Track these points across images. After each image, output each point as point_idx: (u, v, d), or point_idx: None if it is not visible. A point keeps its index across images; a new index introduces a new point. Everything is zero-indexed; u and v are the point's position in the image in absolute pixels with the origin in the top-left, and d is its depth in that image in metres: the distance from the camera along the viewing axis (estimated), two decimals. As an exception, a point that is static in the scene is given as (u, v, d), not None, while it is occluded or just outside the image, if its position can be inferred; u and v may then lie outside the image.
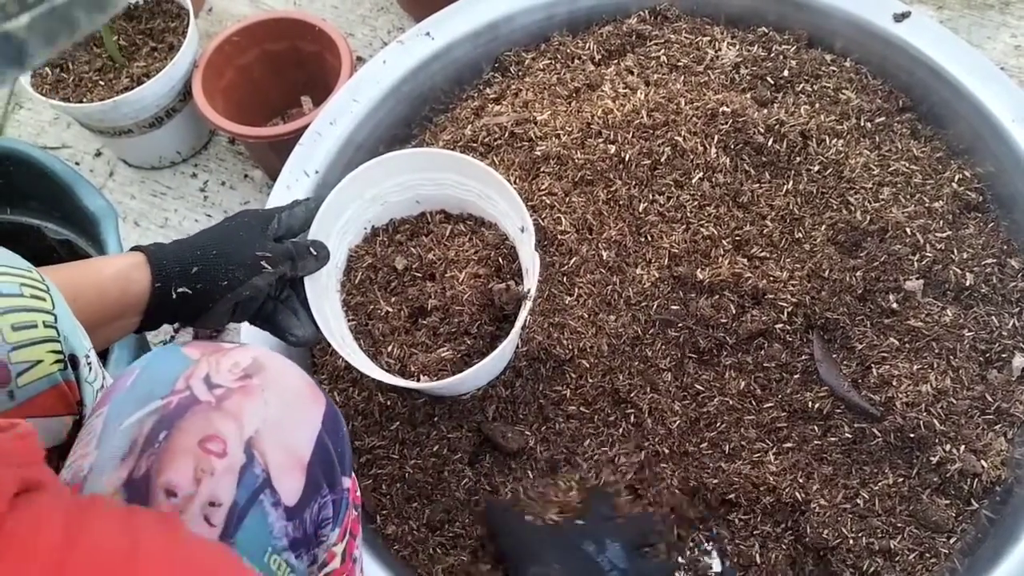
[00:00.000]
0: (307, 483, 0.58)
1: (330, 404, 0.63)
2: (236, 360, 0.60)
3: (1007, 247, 1.04)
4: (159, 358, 0.60)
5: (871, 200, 1.04)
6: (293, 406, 0.59)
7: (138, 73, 1.28)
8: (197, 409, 0.56)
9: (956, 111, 1.09)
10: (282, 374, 0.61)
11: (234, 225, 0.83)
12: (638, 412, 0.98)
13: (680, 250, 1.02)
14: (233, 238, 0.81)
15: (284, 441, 0.57)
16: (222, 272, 0.78)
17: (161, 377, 0.58)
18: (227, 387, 0.57)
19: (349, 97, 1.15)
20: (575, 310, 1.00)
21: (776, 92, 1.13)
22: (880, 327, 0.99)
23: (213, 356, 0.60)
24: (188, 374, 0.58)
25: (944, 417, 0.93)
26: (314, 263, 0.86)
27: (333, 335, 0.86)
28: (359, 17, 1.59)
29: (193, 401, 0.56)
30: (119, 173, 1.45)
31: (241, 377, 0.58)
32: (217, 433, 0.55)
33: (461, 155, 0.95)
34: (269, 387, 0.59)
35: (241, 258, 0.79)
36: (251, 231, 0.82)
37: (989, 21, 1.44)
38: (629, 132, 1.08)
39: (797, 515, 0.93)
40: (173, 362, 0.59)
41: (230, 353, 0.60)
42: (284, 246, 0.83)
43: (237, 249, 0.80)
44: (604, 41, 1.20)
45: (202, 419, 0.55)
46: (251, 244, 0.81)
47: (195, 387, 0.57)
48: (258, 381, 0.59)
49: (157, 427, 0.55)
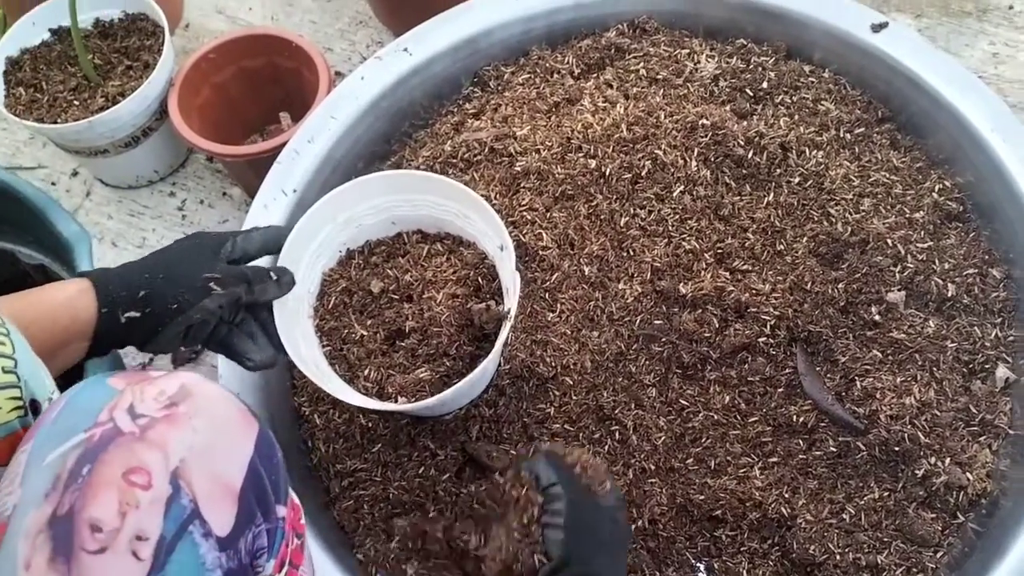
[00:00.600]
0: (239, 512, 0.56)
1: (264, 430, 0.61)
2: (162, 388, 0.58)
3: (988, 257, 1.04)
4: (84, 390, 0.59)
5: (852, 211, 1.04)
6: (222, 433, 0.58)
7: (113, 92, 1.27)
8: (120, 441, 0.54)
9: (935, 121, 1.09)
10: (211, 401, 0.59)
11: (184, 247, 0.82)
12: (623, 429, 0.97)
13: (662, 264, 1.02)
14: (182, 260, 0.80)
15: (213, 469, 0.56)
16: (170, 295, 0.78)
17: (85, 409, 0.56)
18: (151, 416, 0.56)
19: (327, 114, 1.14)
20: (558, 327, 0.99)
21: (755, 104, 1.13)
22: (863, 339, 0.98)
23: (138, 385, 0.58)
24: (112, 405, 0.56)
25: (928, 429, 0.93)
26: (275, 288, 0.85)
27: (306, 362, 0.85)
28: (338, 31, 1.58)
29: (116, 433, 0.55)
30: (96, 193, 1.43)
31: (167, 405, 0.57)
32: (141, 464, 0.53)
33: (437, 176, 0.95)
34: (197, 414, 0.57)
35: (190, 280, 0.79)
36: (201, 253, 0.81)
37: (967, 29, 1.44)
38: (609, 146, 1.07)
39: (783, 531, 0.93)
40: (97, 393, 0.58)
41: (156, 381, 0.59)
42: (237, 269, 0.82)
43: (186, 271, 0.79)
44: (583, 55, 1.20)
45: (125, 451, 0.54)
46: (200, 266, 0.80)
47: (118, 418, 0.55)
48: (184, 409, 0.57)
49: (80, 461, 0.53)
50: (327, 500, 0.99)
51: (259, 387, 0.99)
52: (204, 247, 0.82)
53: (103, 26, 1.36)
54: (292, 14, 1.61)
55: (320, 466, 1.00)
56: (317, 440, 1.00)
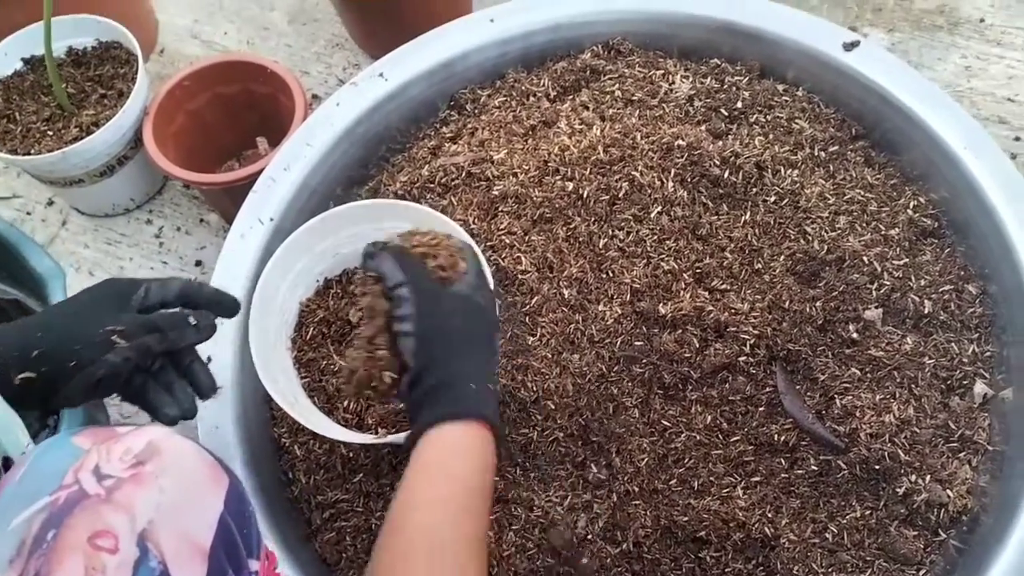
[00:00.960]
0: (210, 570, 0.55)
1: (234, 483, 0.61)
2: (128, 446, 0.57)
3: (964, 273, 1.04)
4: (48, 451, 0.58)
5: (828, 229, 1.05)
6: (191, 491, 0.57)
7: (87, 122, 1.26)
8: (86, 504, 0.54)
9: (909, 138, 1.10)
10: (179, 457, 0.58)
11: (86, 299, 0.77)
12: (606, 451, 0.97)
13: (641, 285, 1.02)
14: (81, 313, 0.75)
15: (182, 528, 0.55)
16: (67, 352, 0.72)
17: (49, 471, 0.56)
18: (117, 477, 0.55)
19: (303, 141, 1.14)
20: (539, 350, 0.99)
21: (730, 124, 1.14)
22: (842, 357, 0.99)
23: (104, 444, 0.57)
24: (77, 467, 0.56)
25: (908, 447, 0.93)
26: (193, 333, 0.79)
27: (284, 396, 0.84)
28: (314, 55, 1.58)
29: (82, 495, 0.54)
30: (72, 222, 1.42)
31: (133, 465, 0.56)
32: (107, 528, 0.53)
33: (412, 204, 0.95)
34: (164, 472, 0.57)
35: (88, 335, 0.72)
36: (104, 304, 0.76)
37: (939, 43, 1.46)
38: (586, 168, 1.07)
39: (767, 551, 0.93)
40: (62, 454, 0.57)
41: (123, 439, 0.58)
42: (146, 318, 0.76)
43: (85, 325, 0.73)
44: (559, 77, 1.20)
45: (91, 514, 0.53)
46: (101, 318, 0.74)
47: (84, 480, 0.55)
48: (151, 467, 0.56)
49: (45, 526, 0.52)
50: (308, 532, 0.98)
51: (238, 418, 0.98)
52: (109, 297, 0.77)
53: (76, 55, 1.35)
54: (268, 38, 1.60)
55: (301, 497, 0.99)
56: (298, 471, 0.99)
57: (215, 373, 0.95)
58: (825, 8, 1.51)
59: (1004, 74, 1.41)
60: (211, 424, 0.97)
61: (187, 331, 0.78)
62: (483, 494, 0.70)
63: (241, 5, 1.65)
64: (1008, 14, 1.47)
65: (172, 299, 0.80)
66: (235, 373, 1.00)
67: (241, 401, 0.99)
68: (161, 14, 1.64)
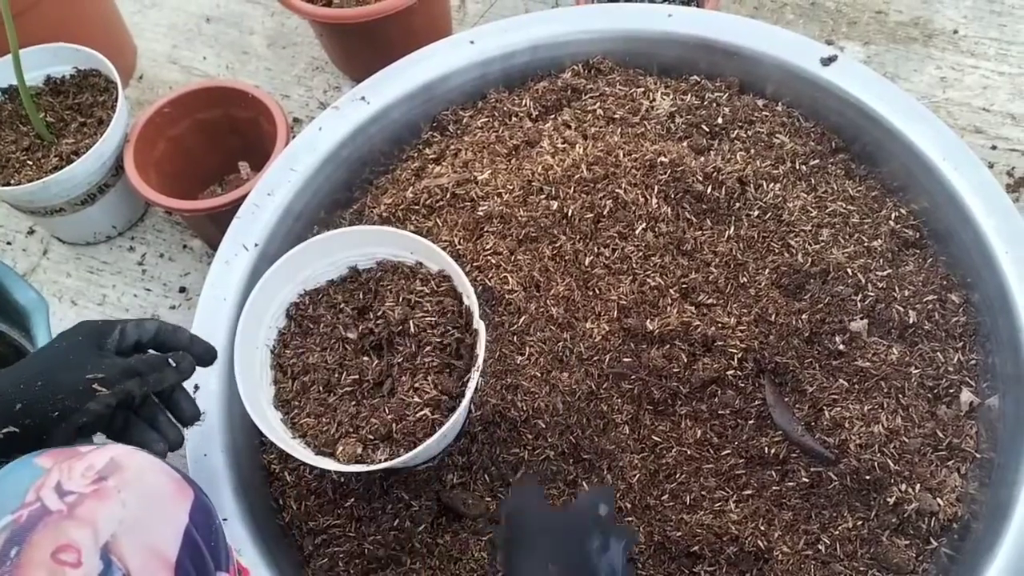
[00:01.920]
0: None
1: (200, 497, 0.61)
2: (91, 463, 0.58)
3: (947, 282, 1.05)
4: (10, 472, 0.58)
5: (811, 242, 1.05)
6: (155, 504, 0.58)
7: (67, 151, 1.26)
8: (48, 520, 0.54)
9: (888, 150, 1.11)
10: (141, 472, 0.59)
11: (64, 347, 0.77)
12: (598, 469, 0.97)
13: (628, 302, 1.02)
14: (61, 363, 0.75)
15: (146, 541, 0.55)
16: (49, 404, 0.72)
17: (11, 491, 0.56)
18: (79, 492, 0.56)
19: (286, 166, 1.14)
20: (527, 369, 0.99)
21: (712, 139, 1.15)
22: (829, 369, 1.00)
23: (66, 462, 0.58)
24: (39, 485, 0.56)
25: (898, 457, 0.94)
26: (174, 374, 0.80)
27: (274, 428, 0.84)
28: (294, 78, 1.58)
29: (44, 512, 0.54)
30: (53, 251, 1.41)
31: (95, 480, 0.57)
32: (70, 542, 0.53)
33: (392, 229, 0.95)
34: (126, 487, 0.57)
35: (70, 385, 0.73)
36: (82, 351, 0.77)
37: (914, 54, 1.48)
38: (570, 187, 1.08)
39: (761, 564, 0.93)
40: (23, 475, 0.57)
41: (86, 456, 0.58)
42: (125, 363, 0.77)
43: (65, 375, 0.74)
44: (540, 97, 1.21)
45: (53, 530, 0.53)
46: (81, 366, 0.74)
47: (45, 497, 0.55)
48: (113, 482, 0.57)
49: (8, 544, 0.53)
50: (301, 559, 0.97)
51: (227, 446, 0.97)
52: (86, 342, 0.78)
53: (54, 83, 1.34)
54: (247, 62, 1.60)
55: (293, 524, 0.98)
56: (288, 498, 0.99)
57: (202, 401, 0.95)
58: (801, 23, 1.53)
59: (979, 84, 1.43)
60: (199, 452, 0.96)
61: (167, 372, 0.79)
62: None
63: (219, 30, 1.65)
64: (981, 25, 1.49)
65: (147, 341, 0.82)
66: (222, 401, 0.99)
67: (229, 429, 0.98)
68: (139, 40, 1.63)
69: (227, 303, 1.04)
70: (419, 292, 0.94)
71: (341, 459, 0.85)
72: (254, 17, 1.66)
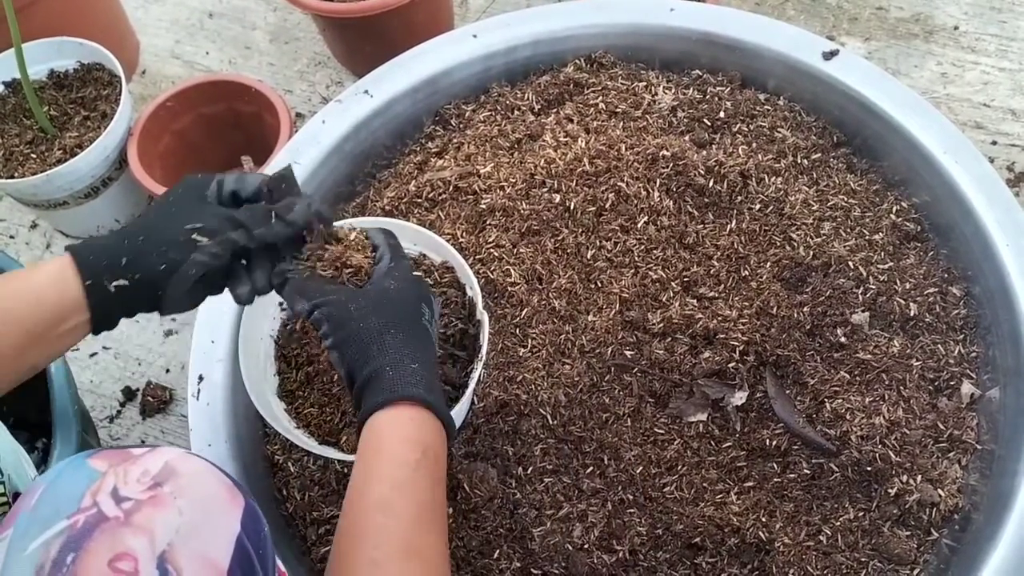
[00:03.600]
0: None
1: (249, 504, 0.61)
2: (146, 468, 0.57)
3: (948, 275, 1.06)
4: (65, 473, 0.58)
5: (813, 235, 1.06)
6: (209, 512, 0.57)
7: (71, 144, 1.26)
8: (105, 527, 0.53)
9: (889, 144, 1.12)
10: (196, 478, 0.59)
11: (167, 201, 0.75)
12: (600, 461, 0.97)
13: (630, 294, 1.03)
14: (162, 216, 0.73)
15: (200, 550, 0.55)
16: (153, 256, 0.70)
17: (66, 494, 0.55)
18: (136, 499, 0.55)
19: (289, 159, 1.14)
20: (530, 362, 1.00)
21: (714, 133, 1.15)
22: (830, 361, 1.00)
23: (121, 466, 0.57)
24: (95, 489, 0.56)
25: (899, 448, 0.94)
26: (281, 226, 0.74)
27: (278, 418, 0.84)
28: (297, 73, 1.58)
29: (101, 518, 0.54)
30: (56, 244, 1.41)
31: (151, 486, 0.56)
32: (128, 551, 0.53)
33: (397, 221, 0.95)
34: (182, 494, 0.57)
35: (171, 237, 0.71)
36: (183, 204, 0.74)
37: (915, 50, 1.48)
38: (572, 180, 1.08)
39: (763, 555, 0.93)
40: (79, 476, 0.57)
41: (140, 460, 0.58)
42: (225, 212, 0.73)
43: (165, 228, 0.72)
44: (542, 91, 1.21)
45: (110, 537, 0.53)
46: (181, 218, 0.72)
47: (102, 503, 0.55)
48: (169, 489, 0.56)
49: (64, 549, 0.52)
50: (304, 548, 0.97)
51: (232, 437, 0.98)
52: (187, 195, 0.75)
53: (58, 77, 1.35)
54: (250, 57, 1.61)
55: (296, 514, 0.99)
56: (292, 488, 0.99)
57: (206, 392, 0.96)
58: (803, 18, 1.54)
59: (979, 80, 1.43)
60: (203, 442, 0.96)
61: (272, 225, 0.74)
62: (427, 471, 0.68)
63: (222, 25, 1.65)
64: (981, 21, 1.49)
65: (249, 193, 0.77)
66: (227, 391, 1.00)
67: (233, 419, 0.99)
68: (142, 35, 1.64)
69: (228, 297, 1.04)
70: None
71: (345, 448, 0.86)
72: (257, 12, 1.66)
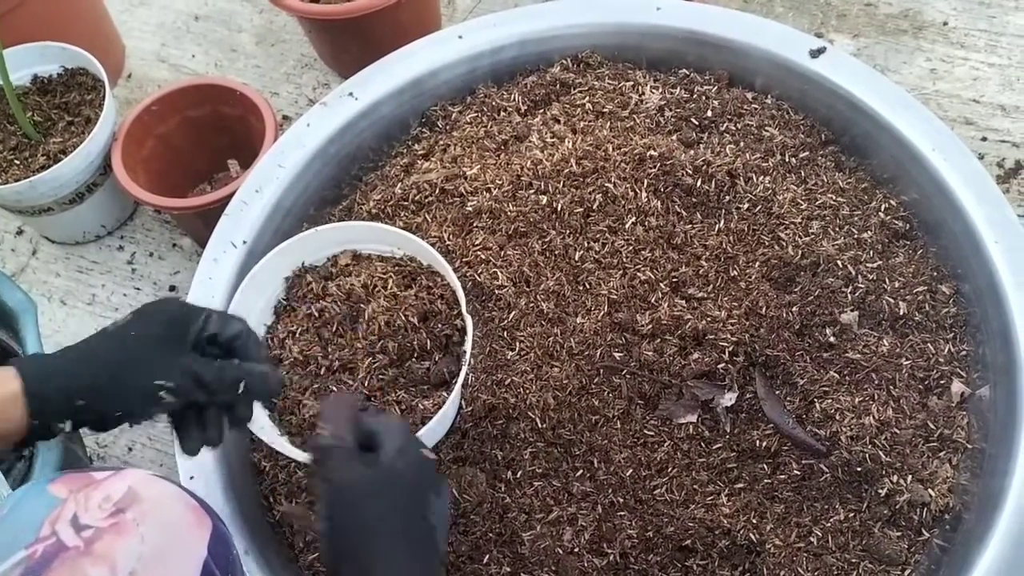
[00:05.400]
0: None
1: (216, 526, 0.60)
2: (108, 493, 0.56)
3: (937, 273, 1.05)
4: (24, 500, 0.57)
5: (801, 234, 1.05)
6: (173, 538, 0.56)
7: (55, 150, 1.25)
8: (64, 556, 0.52)
9: (877, 142, 1.11)
10: (160, 503, 0.58)
11: (141, 337, 0.70)
12: (589, 464, 0.97)
13: (619, 296, 1.02)
14: (134, 357, 0.68)
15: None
16: (115, 404, 0.67)
17: (25, 522, 0.54)
18: (96, 527, 0.54)
19: (274, 163, 1.13)
20: (518, 365, 0.99)
21: (701, 133, 1.15)
22: (820, 361, 0.99)
23: (82, 492, 0.56)
24: (54, 517, 0.54)
25: (889, 448, 0.93)
26: (243, 403, 0.72)
27: (264, 428, 0.83)
28: (283, 75, 1.57)
29: (60, 548, 0.53)
30: (42, 251, 1.41)
31: (113, 513, 0.55)
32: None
33: (381, 225, 0.95)
34: (144, 520, 0.56)
35: (138, 386, 0.67)
36: (159, 346, 0.69)
37: (904, 46, 1.48)
38: (560, 181, 1.07)
39: (753, 557, 0.93)
40: (38, 504, 0.56)
41: (102, 485, 0.57)
42: (197, 373, 0.69)
43: (135, 374, 0.67)
44: (529, 91, 1.20)
45: (70, 567, 0.52)
46: (153, 366, 0.68)
47: (61, 531, 0.54)
48: (132, 515, 0.55)
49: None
50: (292, 556, 0.97)
51: (217, 444, 0.97)
52: (163, 333, 0.70)
53: (41, 82, 1.34)
54: (236, 60, 1.60)
55: (283, 521, 0.98)
56: (279, 495, 0.98)
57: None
58: (791, 15, 1.53)
59: (968, 76, 1.43)
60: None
61: (237, 398, 0.72)
62: None
63: (208, 28, 1.65)
64: (970, 17, 1.49)
65: (227, 339, 0.73)
66: (212, 398, 0.99)
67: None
68: (127, 39, 1.63)
69: (215, 301, 1.04)
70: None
71: None
72: (242, 15, 1.66)
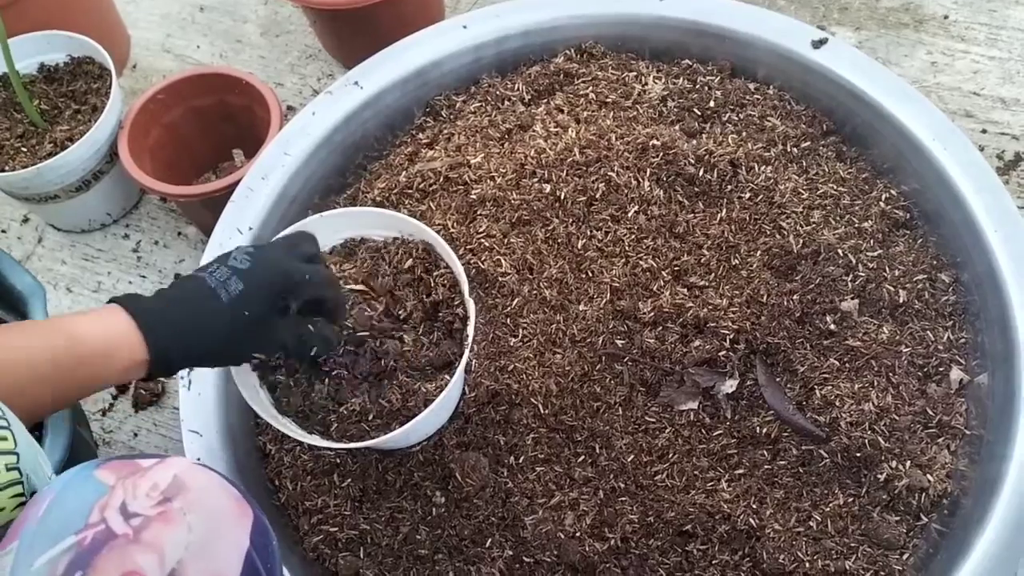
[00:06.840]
0: None
1: (258, 517, 0.61)
2: (155, 481, 0.57)
3: (937, 262, 1.06)
4: (71, 485, 0.57)
5: (802, 224, 1.06)
6: (218, 528, 0.57)
7: (61, 138, 1.26)
8: (114, 544, 0.53)
9: (878, 132, 1.12)
10: (206, 492, 0.59)
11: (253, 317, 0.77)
12: (591, 450, 0.97)
13: (621, 284, 1.03)
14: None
15: (210, 568, 0.55)
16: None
17: (74, 508, 0.55)
18: (145, 515, 0.55)
19: (280, 151, 1.14)
20: (521, 351, 1.00)
21: (704, 123, 1.15)
22: (820, 348, 1.00)
23: (130, 479, 0.57)
24: (103, 504, 0.55)
25: (888, 434, 0.94)
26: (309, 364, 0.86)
27: (267, 408, 0.84)
28: (288, 66, 1.58)
29: (109, 535, 0.53)
30: (48, 238, 1.41)
31: (160, 501, 0.56)
32: (137, 569, 0.52)
33: (385, 211, 0.95)
34: (192, 509, 0.56)
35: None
36: (266, 327, 0.79)
37: (905, 39, 1.48)
38: (563, 170, 1.08)
39: (753, 541, 0.94)
40: (86, 489, 0.56)
41: (148, 473, 0.58)
42: (284, 344, 0.81)
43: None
44: (533, 81, 1.21)
45: (119, 555, 0.53)
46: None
47: (110, 519, 0.54)
48: (179, 504, 0.56)
49: (71, 567, 0.52)
50: (297, 538, 0.98)
51: (223, 428, 0.98)
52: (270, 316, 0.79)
53: (48, 71, 1.35)
54: (241, 50, 1.60)
55: (288, 504, 0.99)
56: (284, 479, 0.99)
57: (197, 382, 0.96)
58: (792, 8, 1.54)
59: (969, 69, 1.43)
60: (195, 432, 0.97)
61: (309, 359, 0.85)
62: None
63: (213, 18, 1.65)
64: (971, 10, 1.49)
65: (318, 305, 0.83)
66: (217, 381, 1.00)
67: (225, 409, 0.99)
68: (133, 29, 1.63)
69: (222, 287, 1.05)
70: None
71: (334, 437, 0.86)
72: (247, 5, 1.66)
